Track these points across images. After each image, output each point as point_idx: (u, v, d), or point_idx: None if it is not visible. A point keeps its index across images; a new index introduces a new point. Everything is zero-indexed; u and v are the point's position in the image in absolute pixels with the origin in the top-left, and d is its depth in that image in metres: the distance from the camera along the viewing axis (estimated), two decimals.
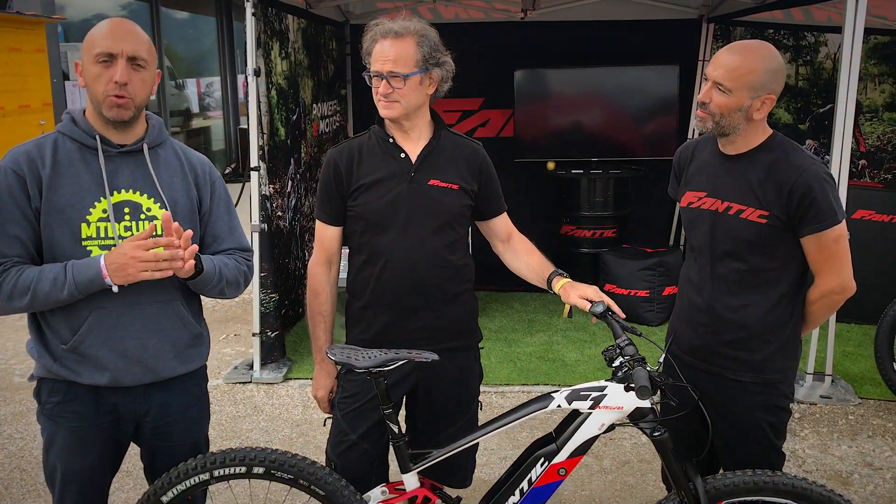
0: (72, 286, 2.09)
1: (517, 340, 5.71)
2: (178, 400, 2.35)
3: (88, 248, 2.15)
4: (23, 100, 7.77)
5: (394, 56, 2.39)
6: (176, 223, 2.13)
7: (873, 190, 6.10)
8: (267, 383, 4.99)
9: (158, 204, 2.25)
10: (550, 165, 6.95)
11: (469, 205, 2.59)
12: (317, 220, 2.64)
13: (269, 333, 5.15)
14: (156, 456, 2.40)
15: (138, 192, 2.23)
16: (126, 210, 2.20)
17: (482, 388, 4.75)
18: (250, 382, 5.01)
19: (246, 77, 4.80)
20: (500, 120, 7.36)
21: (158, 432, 2.34)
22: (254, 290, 5.10)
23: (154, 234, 2.18)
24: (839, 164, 4.52)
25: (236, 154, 14.63)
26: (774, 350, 2.44)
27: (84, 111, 2.23)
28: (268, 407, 4.69)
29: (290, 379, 5.05)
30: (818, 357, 4.81)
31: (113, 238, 2.17)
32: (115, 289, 2.12)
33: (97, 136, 2.18)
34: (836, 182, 4.45)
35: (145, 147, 2.25)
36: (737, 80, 2.29)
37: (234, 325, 6.21)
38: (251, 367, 5.13)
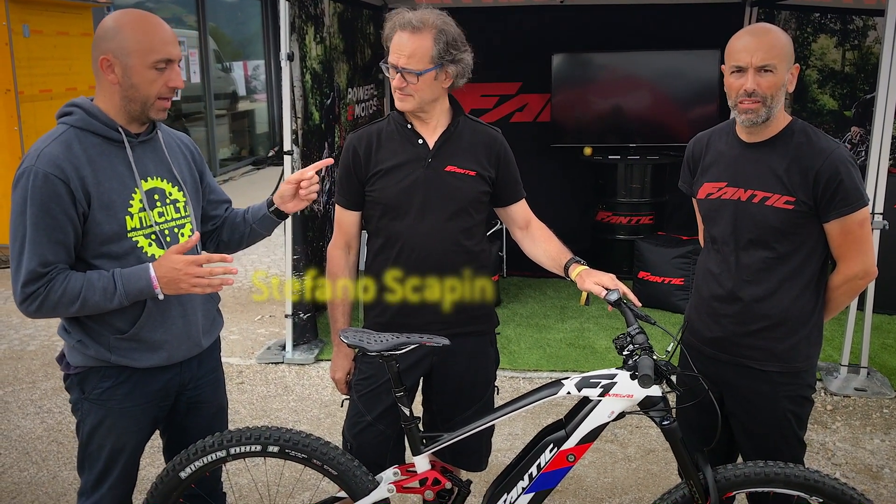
0: (122, 296, 2.13)
1: (548, 327, 5.70)
2: (206, 365, 2.47)
3: (134, 239, 2.21)
4: (70, 83, 7.95)
5: (409, 52, 2.39)
6: None
7: None
8: (298, 364, 5.07)
9: (176, 187, 2.33)
10: (587, 151, 6.90)
11: (486, 191, 2.60)
12: (336, 205, 2.68)
13: (302, 315, 5.23)
14: (187, 421, 2.46)
15: (160, 178, 2.30)
16: (156, 196, 2.27)
17: (510, 374, 4.86)
18: (282, 363, 5.10)
19: (279, 61, 4.85)
20: (538, 104, 7.32)
21: (193, 398, 2.44)
22: (286, 272, 5.18)
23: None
24: (879, 151, 4.41)
25: (280, 137, 14.77)
26: (801, 338, 2.42)
27: (92, 101, 2.21)
28: (298, 387, 4.77)
29: (322, 360, 5.12)
30: (853, 349, 4.72)
31: (152, 226, 2.24)
32: (161, 297, 2.17)
33: (120, 129, 2.20)
34: (877, 170, 4.40)
35: (160, 135, 2.32)
36: (776, 56, 2.28)
37: (268, 307, 6.31)
38: (284, 347, 5.21)
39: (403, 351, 2.30)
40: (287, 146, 4.96)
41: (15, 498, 3.59)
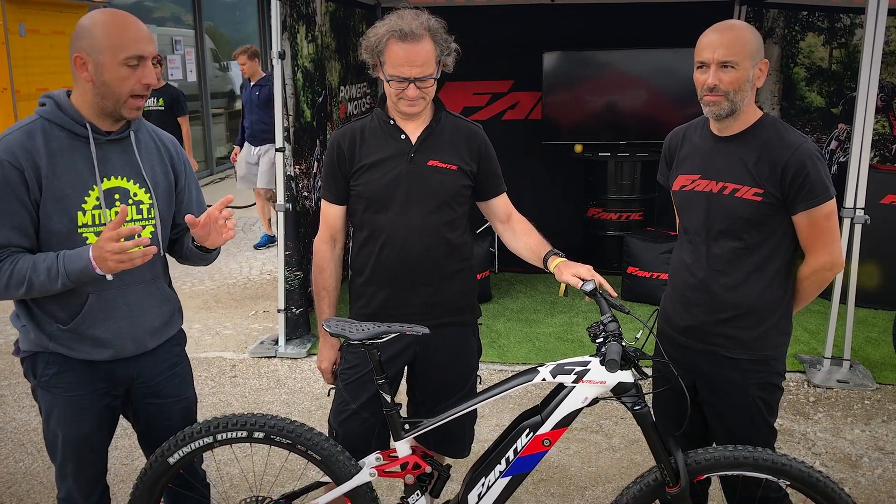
0: (64, 278, 2.13)
1: (538, 321, 5.78)
2: (165, 360, 2.46)
3: (84, 235, 2.22)
4: (66, 81, 8.01)
5: (421, 61, 2.45)
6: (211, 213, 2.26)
7: None
8: (291, 358, 5.15)
9: (143, 189, 2.33)
10: (578, 148, 6.98)
11: (468, 185, 2.67)
12: (322, 199, 2.75)
13: (294, 310, 5.30)
14: (150, 416, 2.48)
15: (125, 178, 2.29)
16: (116, 196, 2.27)
17: (500, 367, 4.94)
18: (275, 357, 5.17)
19: (270, 60, 4.93)
20: (530, 102, 7.40)
21: (150, 392, 2.44)
22: (279, 267, 5.25)
23: (136, 219, 2.29)
24: (860, 147, 4.49)
25: None
26: (769, 327, 2.49)
27: (68, 95, 2.23)
28: (290, 380, 4.84)
29: (314, 354, 5.19)
30: (837, 342, 4.79)
31: (106, 224, 2.22)
32: (109, 277, 2.17)
33: (87, 125, 2.20)
34: (858, 166, 4.48)
35: (132, 134, 2.32)
36: (738, 52, 2.35)
37: (262, 302, 6.38)
38: (276, 342, 5.29)
39: (384, 340, 2.38)
40: (279, 143, 5.03)
41: (10, 487, 3.66)
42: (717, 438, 2.62)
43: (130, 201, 2.30)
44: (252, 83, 7.83)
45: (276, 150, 5.02)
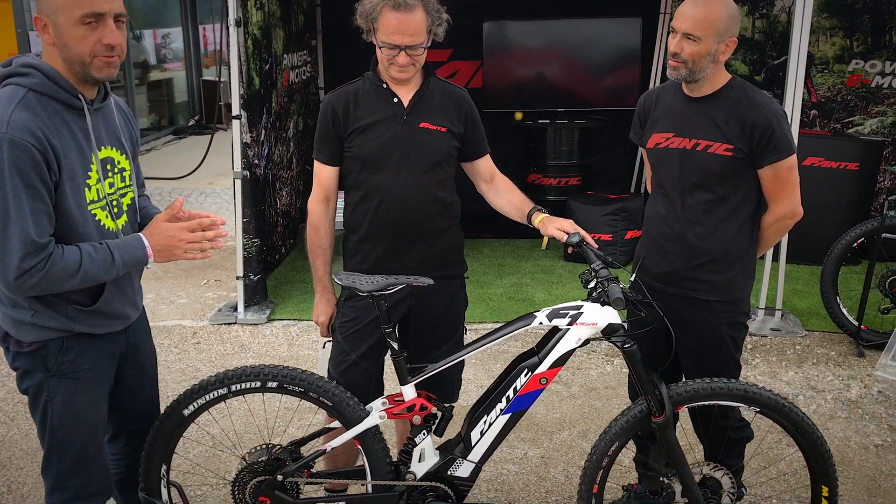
0: (120, 267, 2.11)
1: (488, 283, 5.99)
2: (142, 318, 2.50)
3: (93, 212, 2.14)
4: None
5: (413, 30, 2.57)
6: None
7: (823, 138, 6.44)
8: (251, 324, 5.21)
9: (124, 156, 2.28)
10: (518, 116, 7.18)
11: (456, 146, 2.83)
12: (315, 161, 2.86)
13: (252, 277, 5.36)
14: (132, 379, 2.45)
15: (111, 147, 2.22)
16: (108, 166, 2.20)
17: None
18: (235, 323, 5.23)
19: (223, 27, 4.93)
20: (469, 71, 7.55)
21: (136, 351, 2.43)
22: (237, 235, 5.29)
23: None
24: (791, 113, 4.82)
25: (199, 106, 14.57)
26: (738, 271, 2.75)
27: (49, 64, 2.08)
28: (254, 345, 4.92)
29: (274, 320, 5.28)
30: (769, 294, 5.17)
31: (105, 198, 2.17)
32: (150, 265, 2.18)
33: (81, 96, 2.09)
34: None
35: (112, 101, 2.25)
36: (704, 28, 2.55)
37: (213, 272, 6.38)
38: (235, 308, 5.34)
39: (392, 290, 2.52)
40: (236, 111, 5.05)
41: None
42: (689, 374, 2.87)
43: (116, 169, 2.24)
44: None
45: (234, 117, 5.04)
